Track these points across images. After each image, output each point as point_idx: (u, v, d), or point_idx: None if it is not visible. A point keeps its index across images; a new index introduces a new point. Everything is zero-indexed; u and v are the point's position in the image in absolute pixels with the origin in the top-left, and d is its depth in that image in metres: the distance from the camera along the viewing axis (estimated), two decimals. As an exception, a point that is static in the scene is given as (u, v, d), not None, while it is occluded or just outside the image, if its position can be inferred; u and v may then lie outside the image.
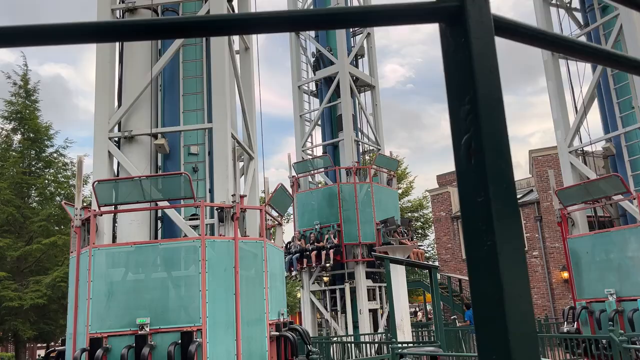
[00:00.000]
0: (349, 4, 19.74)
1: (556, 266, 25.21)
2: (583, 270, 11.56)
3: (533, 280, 25.64)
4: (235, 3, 11.69)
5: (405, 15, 1.00)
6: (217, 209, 8.80)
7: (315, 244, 17.00)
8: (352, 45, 19.81)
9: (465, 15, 0.89)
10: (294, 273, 17.57)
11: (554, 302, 25.06)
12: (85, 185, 19.55)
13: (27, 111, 21.97)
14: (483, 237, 0.82)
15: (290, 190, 18.43)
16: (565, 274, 22.85)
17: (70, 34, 1.20)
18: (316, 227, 17.41)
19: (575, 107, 13.63)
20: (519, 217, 0.85)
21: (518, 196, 27.38)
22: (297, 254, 17.17)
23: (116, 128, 9.62)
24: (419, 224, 36.12)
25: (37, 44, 1.23)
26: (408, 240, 17.15)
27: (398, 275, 13.03)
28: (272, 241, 9.99)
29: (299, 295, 27.37)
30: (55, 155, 22.66)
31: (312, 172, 18.71)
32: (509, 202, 0.84)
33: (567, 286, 21.72)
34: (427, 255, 33.29)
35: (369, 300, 16.96)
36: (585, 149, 13.46)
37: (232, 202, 8.68)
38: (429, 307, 30.26)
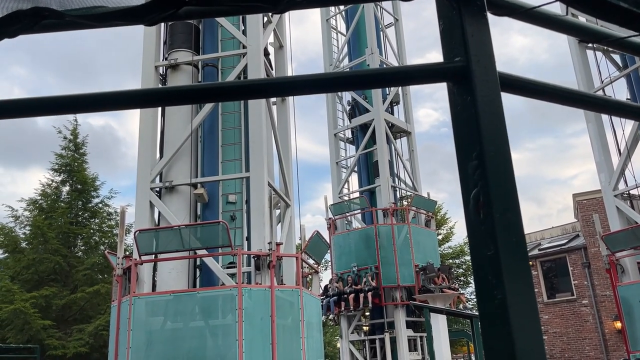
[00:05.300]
0: (383, 52, 20.13)
1: (608, 315, 23.89)
2: (636, 319, 10.96)
3: (584, 331, 24.33)
4: (272, 55, 12.12)
5: (417, 76, 1.05)
6: (253, 257, 8.86)
7: (353, 286, 16.71)
8: (387, 92, 20.06)
9: (471, 75, 0.92)
10: (331, 316, 17.24)
11: (608, 354, 23.62)
12: (127, 235, 20.04)
13: (76, 164, 22.97)
14: (493, 291, 0.82)
15: (327, 232, 18.37)
16: (619, 324, 21.60)
17: (123, 101, 1.31)
18: (354, 269, 17.16)
19: (619, 149, 13.25)
20: (529, 271, 0.85)
21: (564, 241, 26.42)
22: (335, 297, 16.91)
23: (157, 179, 9.94)
24: (460, 270, 35.12)
25: (94, 110, 1.35)
26: (450, 287, 16.66)
27: (439, 325, 12.65)
28: (309, 289, 9.92)
29: (338, 345, 26.75)
30: (100, 205, 23.45)
31: (348, 214, 18.65)
32: (519, 255, 0.84)
33: (621, 337, 20.50)
34: (471, 304, 32.13)
35: (410, 350, 16.40)
36: (631, 192, 12.99)
37: (269, 250, 8.73)
38: (472, 358, 28.99)
